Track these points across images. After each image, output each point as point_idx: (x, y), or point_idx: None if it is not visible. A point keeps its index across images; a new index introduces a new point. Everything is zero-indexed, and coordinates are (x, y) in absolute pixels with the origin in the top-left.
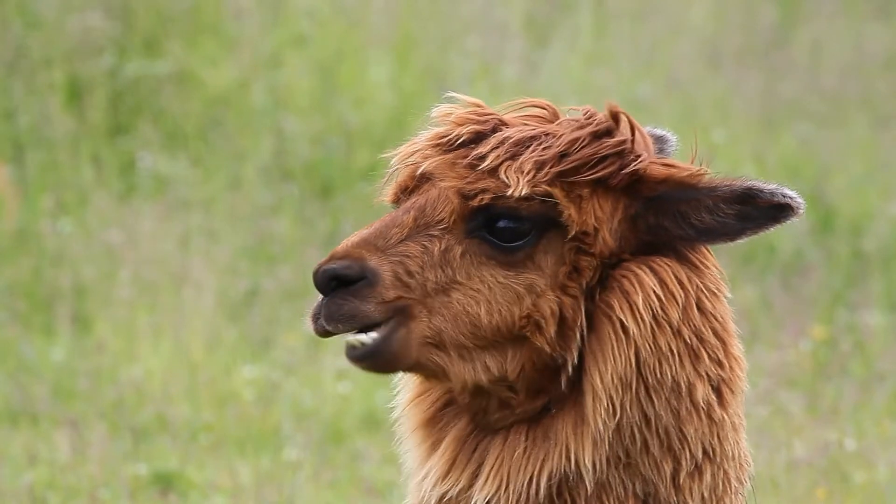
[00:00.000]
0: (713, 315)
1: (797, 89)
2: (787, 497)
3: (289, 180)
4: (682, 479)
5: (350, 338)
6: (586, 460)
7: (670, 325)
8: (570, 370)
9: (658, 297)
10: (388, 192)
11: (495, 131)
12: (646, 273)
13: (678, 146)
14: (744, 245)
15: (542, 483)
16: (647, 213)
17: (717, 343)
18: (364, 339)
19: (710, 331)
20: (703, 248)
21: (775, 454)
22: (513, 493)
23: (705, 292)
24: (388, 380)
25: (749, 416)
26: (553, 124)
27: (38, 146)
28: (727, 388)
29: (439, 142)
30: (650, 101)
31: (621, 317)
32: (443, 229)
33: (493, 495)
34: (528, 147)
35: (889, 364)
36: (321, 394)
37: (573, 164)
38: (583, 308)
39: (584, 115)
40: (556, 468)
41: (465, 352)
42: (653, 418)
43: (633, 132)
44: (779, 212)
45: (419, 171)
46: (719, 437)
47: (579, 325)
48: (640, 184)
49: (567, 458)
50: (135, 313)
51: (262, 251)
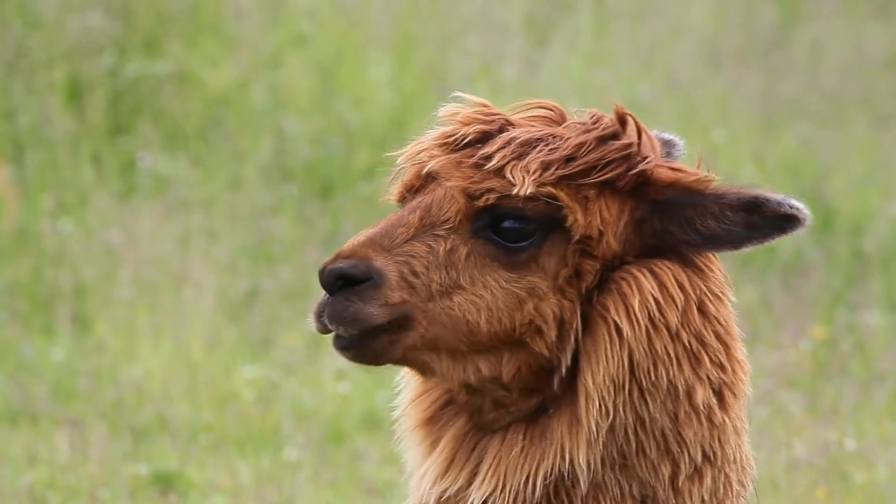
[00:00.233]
0: (716, 318)
1: (797, 89)
2: (787, 497)
3: (289, 180)
4: (680, 482)
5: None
6: (581, 460)
7: (668, 328)
8: (563, 372)
9: (656, 301)
10: (393, 191)
11: (502, 131)
12: (645, 276)
13: (684, 150)
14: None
15: (538, 482)
16: (653, 217)
17: (720, 346)
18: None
19: (712, 334)
20: (709, 253)
21: (775, 454)
22: (510, 492)
23: (709, 295)
24: (388, 380)
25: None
26: (560, 127)
27: (38, 146)
28: (729, 391)
29: (445, 141)
30: (650, 101)
31: (616, 318)
32: (448, 229)
33: (491, 494)
34: (535, 147)
35: (889, 364)
36: (321, 394)
37: (579, 168)
38: (578, 311)
39: (591, 118)
40: (552, 468)
41: (457, 354)
42: (648, 420)
43: (639, 135)
44: (785, 222)
45: (425, 170)
46: (720, 440)
47: (575, 328)
48: (646, 186)
49: (562, 457)
50: (135, 313)
51: (262, 251)
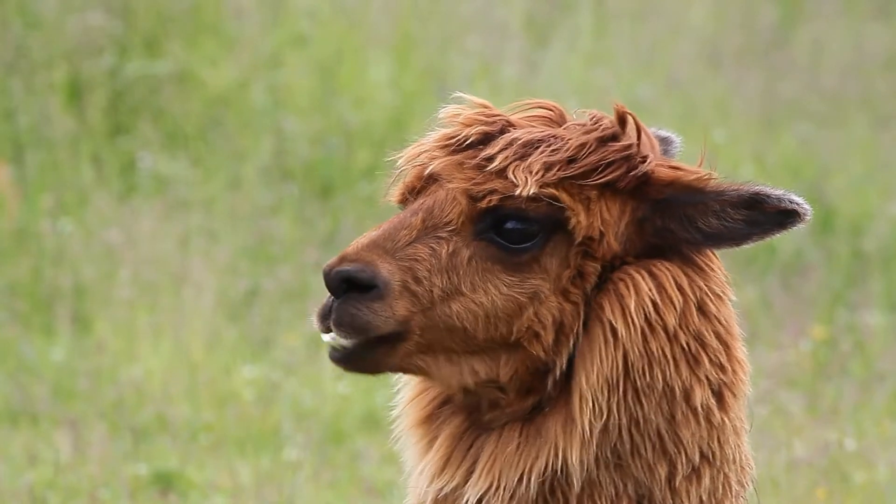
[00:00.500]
0: (717, 318)
1: (797, 89)
2: (787, 497)
3: (289, 180)
4: (678, 482)
5: (327, 339)
6: (574, 459)
7: (665, 329)
8: (558, 373)
9: (653, 302)
10: (394, 193)
11: (503, 132)
12: (643, 277)
13: (681, 147)
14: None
15: (532, 480)
16: (654, 216)
17: (720, 347)
18: (344, 342)
19: (712, 334)
20: (709, 252)
21: (775, 454)
22: (505, 489)
23: (709, 295)
24: (388, 380)
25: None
26: (560, 128)
27: (38, 146)
28: (729, 391)
29: (447, 142)
30: (650, 101)
31: (611, 319)
32: (451, 231)
33: (486, 492)
34: (537, 148)
35: (889, 364)
36: (321, 394)
37: (581, 170)
38: (581, 315)
39: (591, 119)
40: (547, 466)
41: (454, 356)
42: (642, 421)
43: (639, 135)
44: (786, 218)
45: (427, 171)
46: (719, 440)
47: (575, 332)
48: (647, 186)
49: (556, 455)
50: (135, 313)
51: (262, 251)
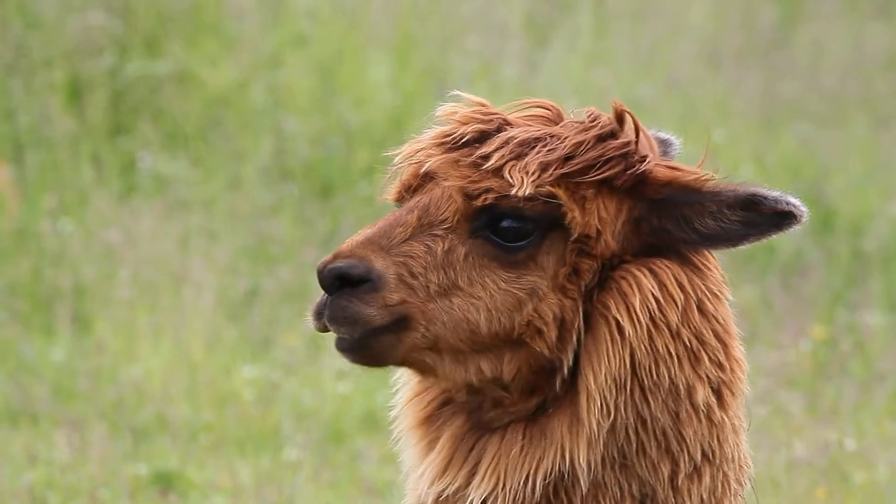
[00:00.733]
0: (714, 317)
1: (797, 89)
2: (787, 497)
3: (289, 180)
4: (680, 481)
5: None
6: (581, 460)
7: (668, 327)
8: (565, 371)
9: (656, 299)
10: (391, 191)
11: (500, 131)
12: (645, 275)
13: (680, 148)
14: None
15: (538, 482)
16: (651, 216)
17: (718, 345)
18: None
19: (710, 333)
20: (706, 251)
21: (775, 454)
22: (509, 491)
23: (707, 294)
24: (387, 379)
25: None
26: (557, 126)
27: (38, 146)
28: (727, 390)
29: (443, 140)
30: (650, 101)
31: (617, 317)
32: (446, 229)
33: (490, 494)
34: (533, 148)
35: (889, 364)
36: (321, 394)
37: (578, 167)
38: (581, 310)
39: (588, 117)
40: (552, 467)
41: (459, 355)
42: (649, 420)
43: (637, 133)
44: (782, 219)
45: (423, 169)
46: (719, 439)
47: (576, 328)
48: (644, 185)
49: (563, 457)
50: (135, 313)
51: (262, 251)
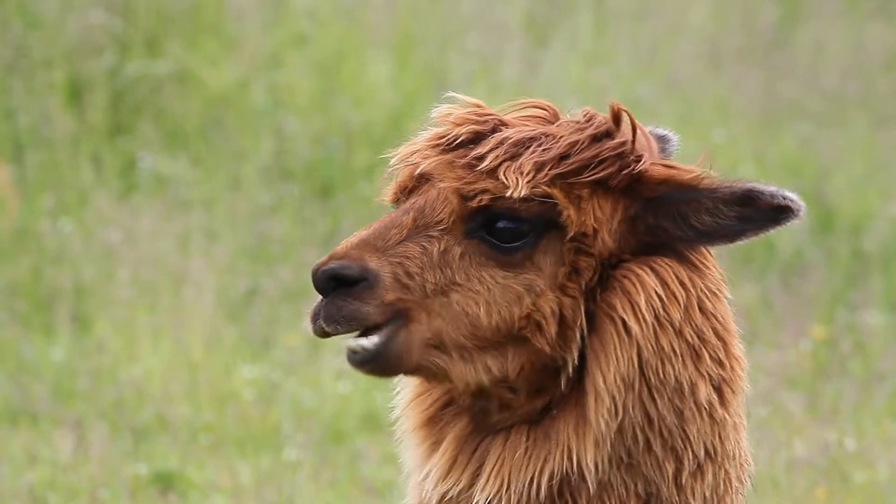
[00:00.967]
0: (714, 315)
1: (797, 89)
2: (787, 497)
3: (289, 180)
4: (684, 479)
5: (351, 343)
6: (588, 461)
7: (672, 325)
8: (570, 371)
9: (660, 297)
10: (387, 192)
11: (495, 132)
12: (647, 273)
13: (679, 146)
14: (743, 244)
15: (543, 483)
16: (647, 214)
17: (718, 343)
18: (365, 343)
19: (710, 331)
20: (703, 249)
21: (775, 454)
22: (514, 493)
23: (706, 293)
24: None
25: (749, 416)
26: (553, 126)
27: (38, 146)
28: (728, 387)
29: (438, 142)
30: (650, 101)
31: (623, 316)
32: (442, 230)
33: (495, 496)
34: (528, 148)
35: (889, 364)
36: (321, 394)
37: (573, 167)
38: (583, 308)
39: (584, 116)
40: (558, 469)
41: (465, 353)
42: (655, 418)
43: (633, 132)
44: (779, 214)
45: (418, 171)
46: (721, 436)
47: (579, 326)
48: (639, 184)
49: (569, 458)
50: (135, 313)
51: (262, 251)
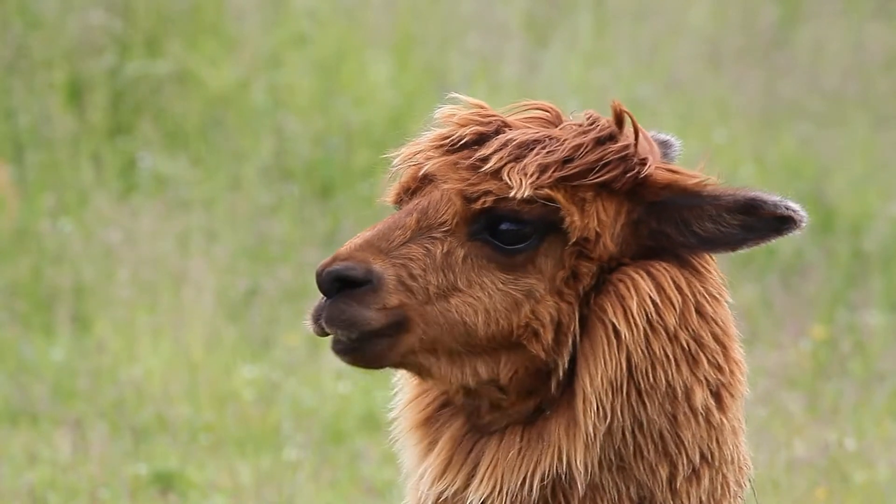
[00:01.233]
0: (714, 319)
1: (797, 89)
2: (787, 497)
3: (289, 180)
4: (678, 484)
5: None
6: (578, 462)
7: (666, 330)
8: (560, 374)
9: (654, 302)
10: (389, 193)
11: (498, 133)
12: (643, 278)
13: (680, 150)
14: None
15: (534, 484)
16: (650, 218)
17: (718, 347)
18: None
19: (710, 335)
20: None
21: (775, 454)
22: (507, 493)
23: (706, 297)
24: (387, 379)
25: (749, 417)
26: (556, 128)
27: (38, 146)
28: (727, 392)
29: (442, 143)
30: (650, 101)
31: (614, 321)
32: (445, 231)
33: (489, 496)
34: (532, 150)
35: (889, 364)
36: (321, 394)
37: (577, 170)
38: (577, 314)
39: (587, 119)
40: (549, 469)
41: (455, 356)
42: (646, 423)
43: (636, 136)
44: (781, 224)
45: (421, 172)
46: (718, 441)
47: (573, 331)
48: (643, 188)
49: (559, 459)
50: (134, 313)
51: (262, 251)
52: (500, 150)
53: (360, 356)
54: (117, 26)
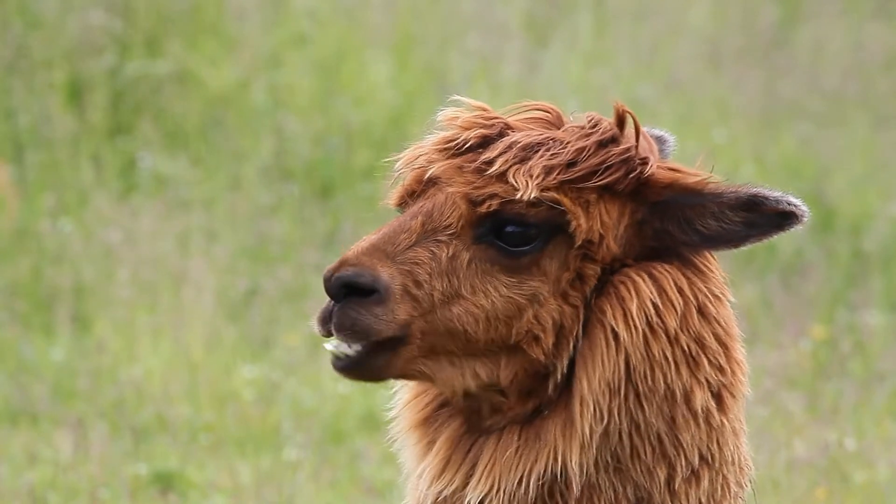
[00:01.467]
0: (716, 320)
1: (797, 89)
2: (787, 497)
3: (289, 180)
4: (677, 485)
5: (330, 347)
6: (573, 463)
7: (666, 332)
8: (559, 376)
9: (654, 305)
10: (392, 196)
11: (502, 136)
12: (644, 280)
13: (676, 146)
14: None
15: (531, 483)
16: (653, 218)
17: (719, 348)
18: (348, 350)
19: (711, 336)
20: (707, 253)
21: (775, 454)
22: (505, 492)
23: (709, 297)
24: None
25: (749, 417)
26: (559, 131)
27: (38, 146)
28: (728, 393)
29: (446, 146)
30: (650, 101)
31: (612, 323)
32: (450, 235)
33: (487, 495)
34: (537, 152)
35: (889, 364)
36: (321, 394)
37: (581, 173)
38: (581, 318)
39: (589, 122)
40: (545, 469)
41: (455, 359)
42: (643, 425)
43: (637, 136)
44: (783, 219)
45: (427, 175)
46: (718, 442)
47: (575, 335)
48: (645, 188)
49: (555, 459)
50: (134, 313)
51: (262, 251)
52: (505, 152)
53: (362, 371)
54: (117, 26)
